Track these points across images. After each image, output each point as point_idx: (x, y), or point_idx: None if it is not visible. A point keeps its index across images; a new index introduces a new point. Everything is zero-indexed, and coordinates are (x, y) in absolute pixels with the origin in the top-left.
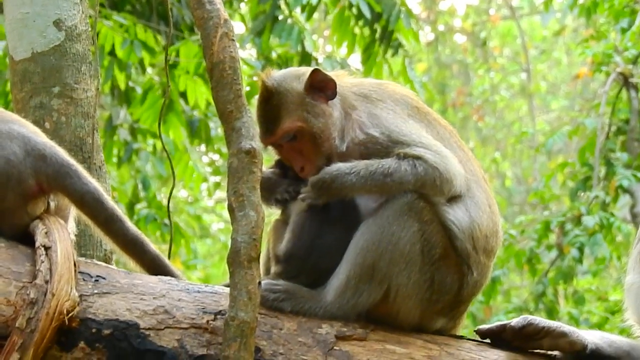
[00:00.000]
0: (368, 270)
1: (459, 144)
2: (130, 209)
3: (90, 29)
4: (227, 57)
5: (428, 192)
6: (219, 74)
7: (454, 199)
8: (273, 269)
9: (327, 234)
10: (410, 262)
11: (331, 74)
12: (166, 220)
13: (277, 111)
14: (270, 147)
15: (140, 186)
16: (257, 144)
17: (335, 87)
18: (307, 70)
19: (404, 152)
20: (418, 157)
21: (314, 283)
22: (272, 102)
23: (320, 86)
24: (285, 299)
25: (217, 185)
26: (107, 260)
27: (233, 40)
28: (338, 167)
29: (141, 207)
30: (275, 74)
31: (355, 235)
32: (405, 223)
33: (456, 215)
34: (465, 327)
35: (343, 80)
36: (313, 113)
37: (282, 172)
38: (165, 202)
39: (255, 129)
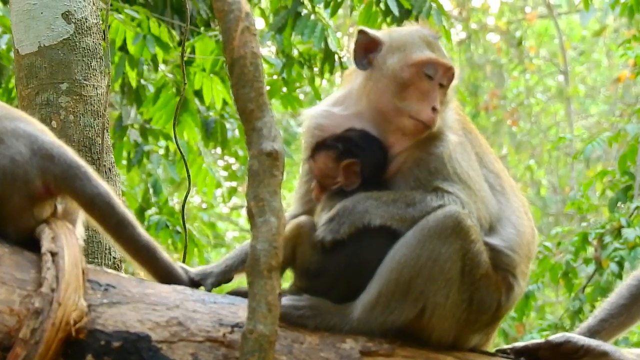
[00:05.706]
0: (403, 286)
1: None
2: (141, 215)
3: (101, 22)
4: (248, 52)
5: None
6: (239, 71)
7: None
8: (298, 281)
9: (365, 251)
10: (449, 281)
11: None
12: (178, 228)
13: None
14: None
15: (151, 191)
16: (278, 145)
17: None
18: None
19: (437, 185)
20: (449, 193)
21: (342, 300)
22: None
23: None
24: (310, 316)
25: (233, 190)
26: (116, 269)
27: (255, 35)
28: (359, 195)
29: (152, 213)
30: None
31: (392, 249)
32: (447, 239)
33: (501, 236)
34: (495, 345)
35: None
36: None
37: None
38: (177, 207)
39: (277, 130)
